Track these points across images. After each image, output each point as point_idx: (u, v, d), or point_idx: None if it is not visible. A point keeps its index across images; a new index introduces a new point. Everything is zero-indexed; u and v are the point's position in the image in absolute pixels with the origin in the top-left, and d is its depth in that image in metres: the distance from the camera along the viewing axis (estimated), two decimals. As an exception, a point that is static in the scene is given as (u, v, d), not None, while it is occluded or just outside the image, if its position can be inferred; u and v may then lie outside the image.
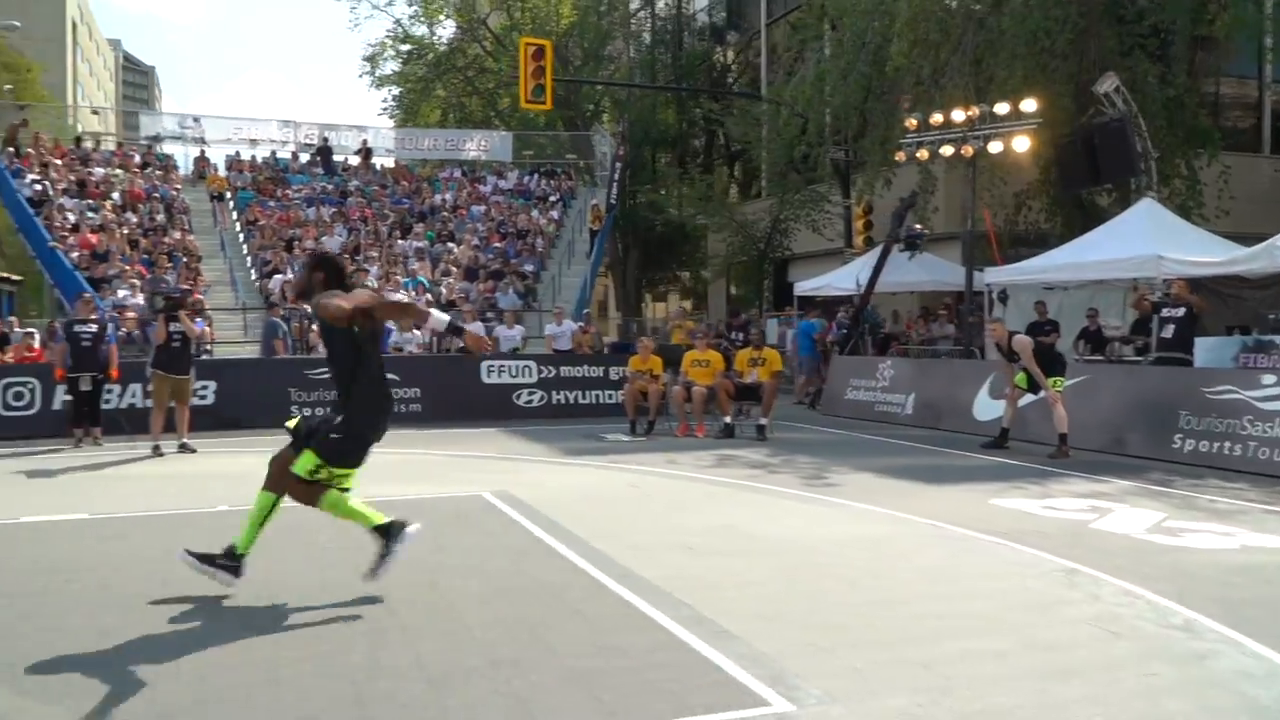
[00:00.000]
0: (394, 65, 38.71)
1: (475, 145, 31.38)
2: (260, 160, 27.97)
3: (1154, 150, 16.50)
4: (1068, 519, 7.52)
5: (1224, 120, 24.71)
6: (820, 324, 18.59)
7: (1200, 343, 12.40)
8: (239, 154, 28.05)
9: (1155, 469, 10.09)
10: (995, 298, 16.66)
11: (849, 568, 5.98)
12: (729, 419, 12.77)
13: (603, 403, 15.43)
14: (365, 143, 29.63)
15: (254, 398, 13.65)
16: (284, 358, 15.30)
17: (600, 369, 15.77)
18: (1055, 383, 10.92)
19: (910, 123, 17.34)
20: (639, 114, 33.76)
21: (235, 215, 24.70)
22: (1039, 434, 11.56)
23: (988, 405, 12.93)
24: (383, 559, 5.22)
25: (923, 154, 17.18)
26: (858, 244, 22.51)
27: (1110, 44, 18.07)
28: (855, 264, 20.86)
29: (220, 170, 27.25)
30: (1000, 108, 16.05)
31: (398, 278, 21.35)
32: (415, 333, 16.58)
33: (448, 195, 27.62)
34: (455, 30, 38.53)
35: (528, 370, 15.40)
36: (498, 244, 24.90)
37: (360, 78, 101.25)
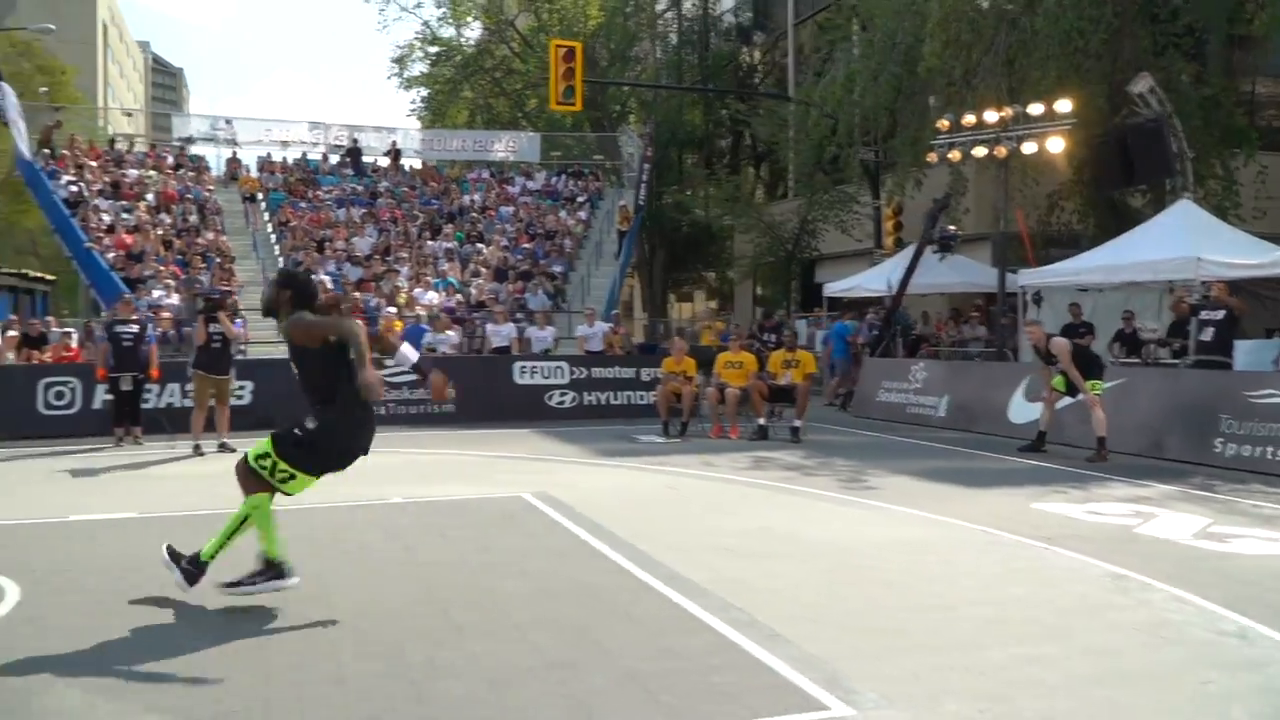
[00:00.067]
0: (422, 67, 38.93)
1: (503, 146, 31.52)
2: (291, 162, 28.20)
3: (1189, 150, 16.35)
4: (1111, 524, 7.48)
5: (1260, 119, 24.39)
6: (854, 325, 18.55)
7: (1239, 345, 12.29)
8: (270, 155, 28.29)
9: (1196, 473, 10.00)
10: (1029, 299, 16.56)
11: (895, 572, 5.98)
12: (763, 421, 12.77)
13: (634, 404, 15.47)
14: (394, 144, 29.81)
15: (290, 398, 13.71)
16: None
17: (632, 370, 15.80)
18: (1094, 386, 10.85)
19: (942, 123, 17.27)
20: (665, 115, 33.74)
21: (267, 216, 24.91)
22: (1076, 437, 11.49)
23: (1023, 408, 12.86)
24: (249, 583, 5.11)
25: (955, 155, 17.10)
26: (887, 245, 22.44)
27: (1144, 43, 17.92)
28: (885, 265, 20.81)
29: (252, 171, 27.48)
30: (1034, 108, 15.97)
31: (428, 278, 21.47)
32: (449, 334, 16.68)
33: (476, 196, 27.75)
34: (482, 31, 38.70)
35: (560, 371, 15.45)
36: (526, 245, 24.99)
37: (388, 79, 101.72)
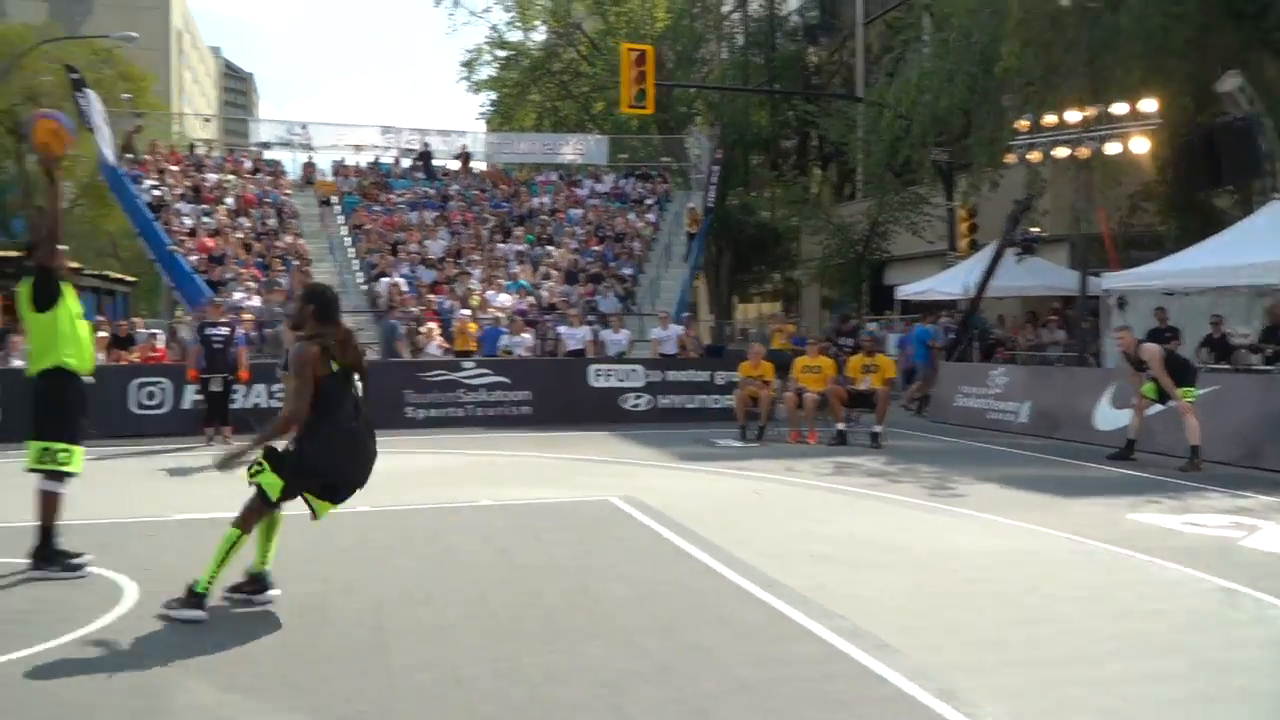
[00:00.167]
0: (490, 70, 39.35)
1: (571, 149, 31.69)
2: (364, 166, 28.66)
3: (1281, 151, 15.88)
4: (1213, 536, 7.32)
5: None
6: (935, 329, 18.34)
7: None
8: (344, 160, 28.79)
9: (1296, 484, 9.74)
10: (1114, 304, 16.22)
11: (998, 582, 5.91)
12: (841, 426, 12.69)
13: (709, 407, 15.46)
14: (465, 148, 30.14)
15: (369, 399, 13.96)
16: (398, 360, 15.64)
17: (706, 373, 15.81)
18: (1186, 393, 10.60)
19: (1022, 124, 16.99)
20: (732, 116, 33.68)
21: (341, 219, 25.35)
22: (1166, 445, 11.23)
23: (1110, 415, 12.60)
24: (175, 606, 5.05)
25: (1035, 156, 16.81)
26: (962, 247, 22.13)
27: (1231, 41, 17.46)
28: (959, 267, 20.52)
29: (327, 176, 27.98)
30: (1117, 108, 15.64)
31: (500, 281, 21.69)
32: (524, 336, 16.84)
33: (545, 199, 27.95)
34: (549, 34, 38.97)
35: (634, 374, 15.50)
36: (596, 247, 25.11)
37: (457, 82, 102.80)
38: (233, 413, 12.84)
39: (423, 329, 17.05)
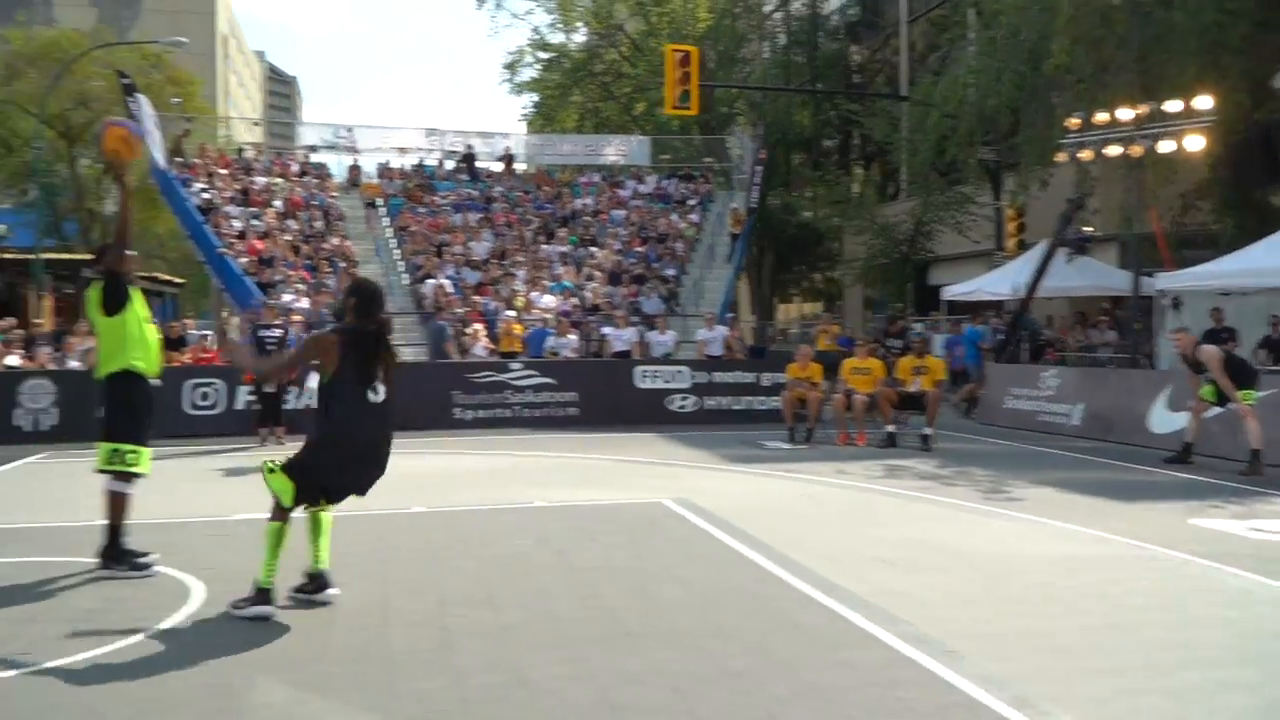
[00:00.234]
0: (532, 72, 39.52)
1: (614, 150, 31.73)
2: (409, 168, 28.89)
3: (1339, 147, 15.58)
4: (1278, 542, 7.17)
5: None
6: (985, 330, 18.15)
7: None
8: (388, 162, 29.03)
9: (1361, 489, 9.52)
10: (1168, 304, 15.96)
11: (1063, 588, 5.83)
12: (891, 428, 12.59)
13: (755, 409, 15.41)
14: (508, 149, 30.28)
15: (417, 400, 14.05)
16: (447, 361, 15.73)
17: (752, 375, 15.76)
18: (1246, 395, 10.40)
19: (1072, 122, 16.76)
20: (774, 116, 33.55)
21: (386, 221, 25.56)
22: (1224, 449, 11.03)
23: (1165, 418, 12.39)
24: (243, 605, 5.12)
25: (1086, 154, 16.58)
26: (1009, 246, 21.87)
27: (1288, 36, 17.13)
28: (1008, 267, 20.29)
29: (372, 178, 28.22)
30: (1171, 105, 15.38)
31: (544, 282, 21.77)
32: (570, 337, 16.89)
33: (588, 200, 28.01)
34: (591, 36, 39.05)
35: (681, 375, 15.49)
36: (639, 248, 25.10)
37: (499, 84, 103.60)
38: (286, 413, 13.02)
39: (468, 330, 17.16)
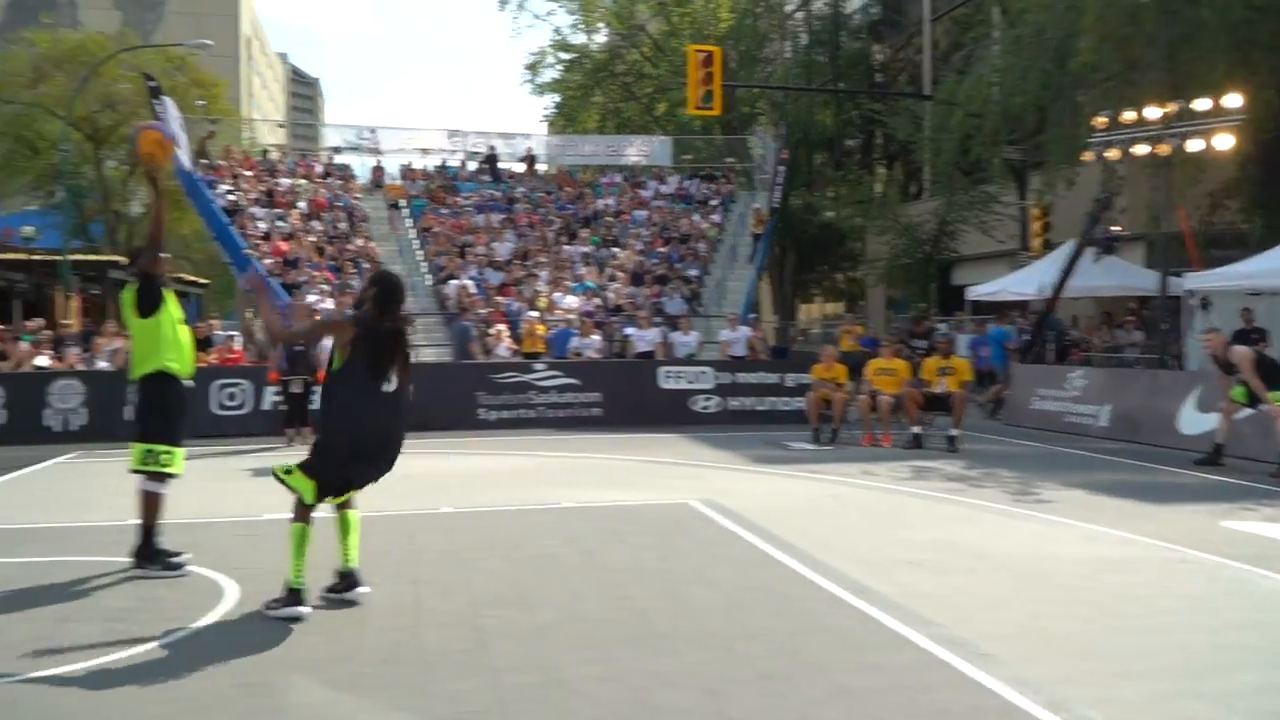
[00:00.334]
0: (553, 73, 39.56)
1: (635, 150, 31.73)
2: (431, 169, 29.01)
3: (1372, 145, 15.38)
4: (1315, 544, 7.10)
5: None
6: (1011, 331, 18.03)
7: None
8: (411, 164, 29.15)
9: (1396, 491, 9.41)
10: (1197, 304, 15.81)
11: (1095, 590, 5.79)
12: (916, 429, 12.53)
13: (779, 409, 15.37)
14: (530, 150, 30.35)
15: (441, 400, 14.08)
16: (471, 362, 15.78)
17: (776, 375, 15.72)
18: (1277, 397, 10.29)
19: (1100, 120, 16.62)
20: (796, 116, 33.46)
21: (409, 223, 25.68)
22: (1255, 451, 10.90)
23: (1195, 419, 12.27)
24: (276, 605, 5.14)
25: (1114, 153, 16.44)
26: (1035, 246, 21.72)
27: (1319, 33, 16.91)
28: (1033, 267, 20.15)
29: (396, 179, 28.35)
30: (1200, 103, 15.23)
31: (567, 282, 21.80)
32: (594, 337, 16.90)
33: (610, 200, 28.03)
34: (612, 36, 39.06)
35: (704, 376, 15.47)
36: (661, 249, 25.10)
37: (521, 85, 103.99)
38: (312, 414, 13.08)
39: (491, 331, 17.21)
